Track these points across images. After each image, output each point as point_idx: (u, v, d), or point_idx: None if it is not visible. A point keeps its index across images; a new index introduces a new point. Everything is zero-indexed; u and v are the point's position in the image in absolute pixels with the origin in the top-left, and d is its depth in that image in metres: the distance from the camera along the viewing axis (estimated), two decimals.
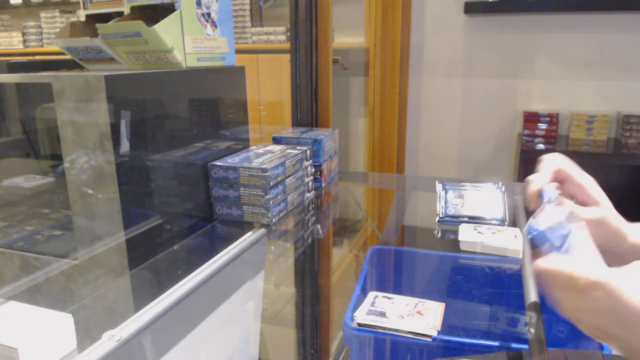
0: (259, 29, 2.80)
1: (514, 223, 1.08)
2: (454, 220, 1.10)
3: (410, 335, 0.66)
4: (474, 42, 2.49)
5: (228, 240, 0.87)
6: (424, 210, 1.35)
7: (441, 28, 2.53)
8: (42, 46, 3.54)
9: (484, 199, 1.14)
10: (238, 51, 1.15)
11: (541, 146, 2.26)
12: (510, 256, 0.93)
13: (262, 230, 0.96)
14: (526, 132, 2.39)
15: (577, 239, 0.50)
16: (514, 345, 0.69)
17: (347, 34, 2.65)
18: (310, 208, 1.20)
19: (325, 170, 1.31)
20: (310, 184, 1.20)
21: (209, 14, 1.02)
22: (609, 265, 0.58)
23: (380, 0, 2.37)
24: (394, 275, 1.04)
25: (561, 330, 0.82)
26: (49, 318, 0.64)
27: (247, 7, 2.83)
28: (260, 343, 0.86)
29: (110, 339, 0.54)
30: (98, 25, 0.91)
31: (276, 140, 1.28)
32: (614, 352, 0.50)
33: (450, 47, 2.54)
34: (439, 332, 0.66)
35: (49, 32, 3.49)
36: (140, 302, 0.64)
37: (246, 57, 2.65)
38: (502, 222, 1.07)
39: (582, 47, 2.32)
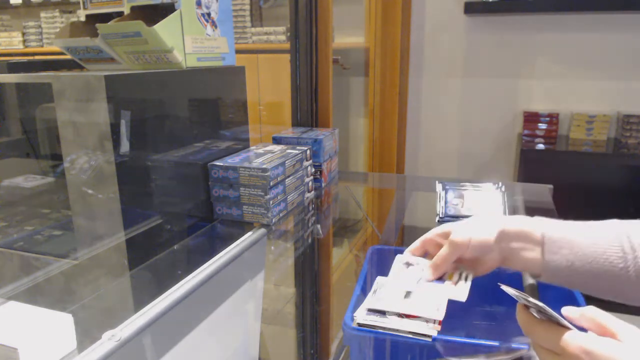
0: (259, 29, 2.80)
1: None
2: (454, 220, 1.10)
3: (410, 335, 0.66)
4: (474, 42, 2.49)
5: (228, 240, 0.87)
6: (424, 210, 1.35)
7: (441, 28, 2.53)
8: (42, 46, 3.53)
9: (484, 199, 1.14)
10: (238, 51, 1.15)
11: (541, 146, 2.26)
12: None
13: (262, 230, 0.96)
14: (526, 132, 2.39)
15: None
16: (514, 345, 0.69)
17: (347, 34, 2.65)
18: (310, 208, 1.20)
19: (325, 170, 1.31)
20: (310, 184, 1.20)
21: (209, 14, 1.02)
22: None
23: (380, 0, 2.37)
24: None
25: None
26: (49, 318, 0.64)
27: (247, 7, 2.82)
28: (260, 343, 0.86)
29: (110, 339, 0.54)
30: (98, 25, 0.91)
31: (276, 140, 1.28)
32: None
33: (450, 47, 2.53)
34: (439, 332, 0.66)
35: (49, 32, 3.48)
36: (140, 302, 0.64)
37: (246, 57, 2.65)
38: None
39: (582, 47, 2.32)
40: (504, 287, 0.50)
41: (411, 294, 0.62)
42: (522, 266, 0.61)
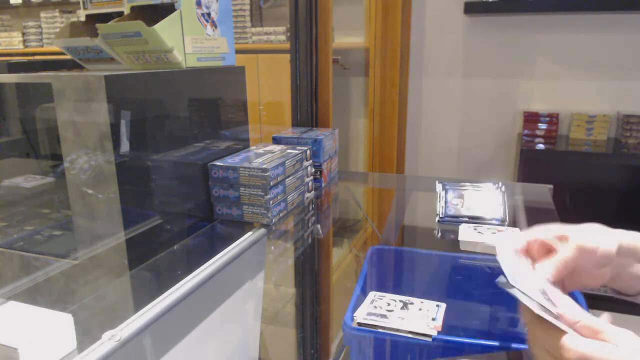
0: (259, 29, 2.80)
1: (514, 223, 1.08)
2: (454, 220, 1.10)
3: (410, 335, 0.66)
4: (474, 42, 2.49)
5: (228, 240, 0.87)
6: (424, 210, 1.35)
7: (441, 28, 2.53)
8: (42, 46, 3.54)
9: (484, 199, 1.14)
10: (238, 51, 1.15)
11: (541, 146, 2.26)
12: None
13: (262, 230, 0.96)
14: (526, 132, 2.39)
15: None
16: (514, 345, 0.69)
17: (347, 34, 2.65)
18: (310, 208, 1.20)
19: (325, 170, 1.31)
20: (310, 184, 1.20)
21: (209, 14, 1.02)
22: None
23: (380, 0, 2.37)
24: (394, 275, 1.04)
25: None
26: (49, 318, 0.64)
27: (247, 7, 2.83)
28: (260, 343, 0.86)
29: (110, 339, 0.54)
30: (98, 25, 0.91)
31: (276, 140, 1.28)
32: None
33: (450, 47, 2.53)
34: (439, 332, 0.66)
35: (49, 32, 3.48)
36: (140, 302, 0.64)
37: (246, 57, 2.65)
38: (502, 222, 1.07)
39: (582, 47, 2.32)
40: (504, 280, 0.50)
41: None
42: (627, 284, 0.57)
